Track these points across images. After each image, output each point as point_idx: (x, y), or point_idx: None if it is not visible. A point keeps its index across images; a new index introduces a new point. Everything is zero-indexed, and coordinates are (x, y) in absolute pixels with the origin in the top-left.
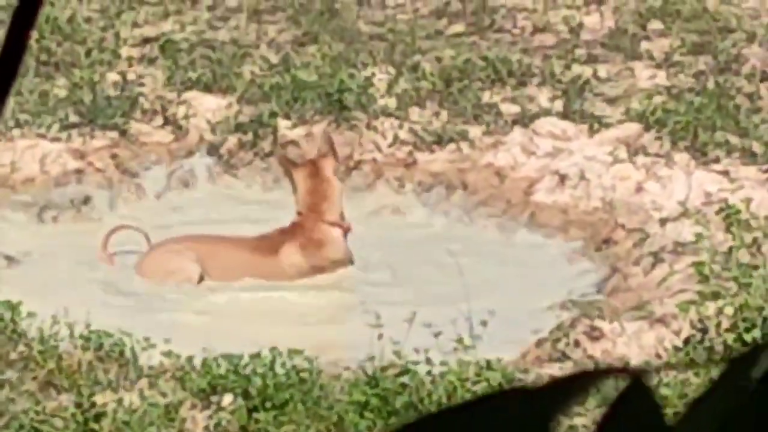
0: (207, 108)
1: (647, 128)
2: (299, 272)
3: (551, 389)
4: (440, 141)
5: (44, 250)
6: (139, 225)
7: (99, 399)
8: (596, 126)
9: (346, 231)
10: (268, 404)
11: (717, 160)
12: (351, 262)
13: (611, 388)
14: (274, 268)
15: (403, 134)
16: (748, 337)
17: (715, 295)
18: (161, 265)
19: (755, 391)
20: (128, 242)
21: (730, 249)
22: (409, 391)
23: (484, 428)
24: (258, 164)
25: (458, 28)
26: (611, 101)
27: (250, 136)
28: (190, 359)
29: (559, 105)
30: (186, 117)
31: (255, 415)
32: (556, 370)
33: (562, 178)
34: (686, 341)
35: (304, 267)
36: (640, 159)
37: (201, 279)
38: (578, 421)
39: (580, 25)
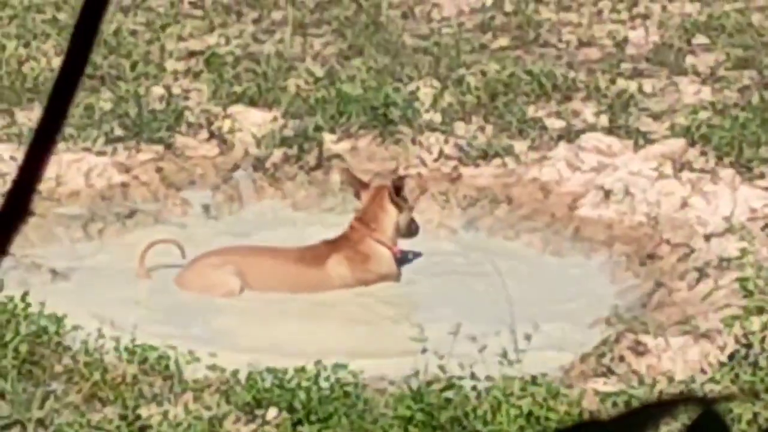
0: (252, 122)
1: (692, 143)
2: (345, 284)
3: (626, 420)
4: (485, 155)
5: (89, 264)
6: (184, 238)
7: (144, 412)
8: (641, 141)
9: (394, 253)
10: (312, 418)
11: (762, 176)
12: (398, 279)
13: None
14: (319, 279)
15: (448, 149)
16: None
17: (760, 310)
18: (201, 279)
19: None
20: (168, 256)
21: None
22: (453, 406)
23: None
24: (303, 178)
25: (503, 42)
26: (656, 116)
27: (295, 150)
28: (234, 373)
29: (604, 120)
30: (231, 131)
31: (299, 428)
32: (600, 385)
33: (607, 193)
34: (731, 356)
35: (350, 279)
36: (685, 174)
37: (242, 291)
38: None
39: (625, 39)
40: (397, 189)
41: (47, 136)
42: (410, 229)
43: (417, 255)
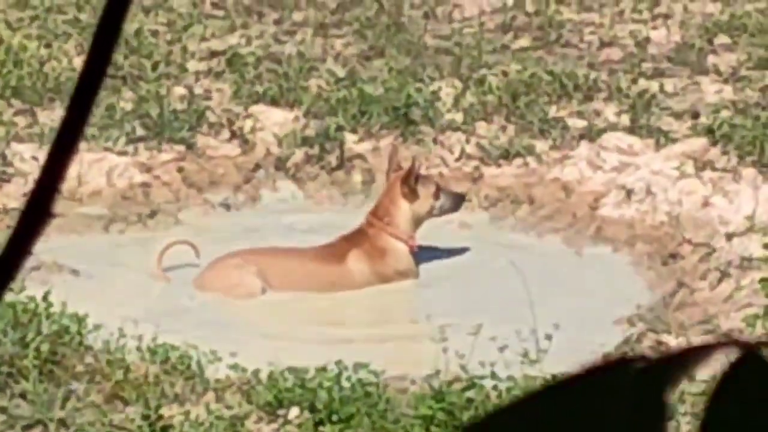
0: (274, 122)
1: (714, 143)
2: (364, 280)
3: (666, 360)
4: (507, 155)
5: (110, 264)
6: (205, 238)
7: (165, 411)
8: (663, 140)
9: (410, 248)
10: (334, 417)
11: None
12: (416, 275)
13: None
14: (340, 276)
15: (470, 148)
16: None
17: None
18: (222, 280)
19: None
20: (184, 256)
21: None
22: (475, 406)
23: (598, 397)
24: (325, 178)
25: (524, 42)
26: (678, 116)
27: (316, 150)
28: (256, 372)
29: (625, 119)
30: (253, 131)
31: (321, 428)
32: None
33: (629, 193)
34: None
35: (369, 274)
36: (707, 174)
37: (264, 292)
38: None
39: (647, 39)
40: (413, 174)
41: (69, 136)
42: (444, 208)
43: (464, 250)
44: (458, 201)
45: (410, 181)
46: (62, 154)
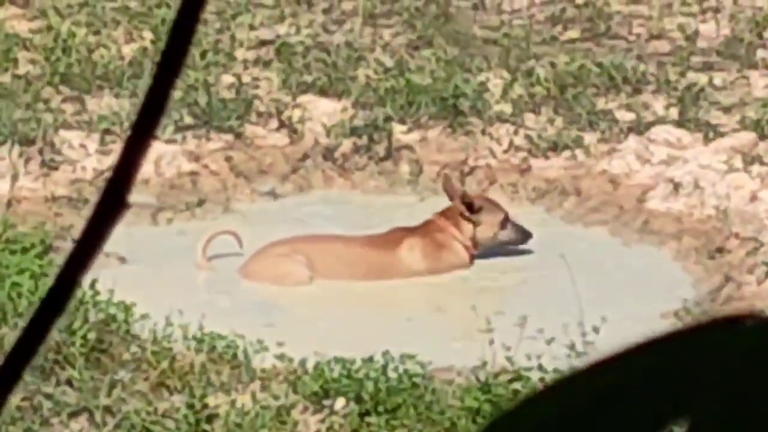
0: (322, 111)
1: (762, 137)
2: (414, 270)
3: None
4: (555, 147)
5: (158, 252)
6: (252, 228)
7: (211, 401)
8: (711, 134)
9: (470, 256)
10: (380, 408)
11: None
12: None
13: None
14: (390, 263)
15: (518, 140)
16: None
17: None
18: (270, 269)
19: None
20: (229, 246)
21: None
22: (521, 398)
23: (706, 353)
24: (372, 168)
25: (573, 34)
26: (726, 109)
27: (364, 140)
28: (302, 362)
29: (674, 113)
30: (301, 120)
31: (367, 419)
32: None
33: (676, 186)
34: None
35: (421, 265)
36: (755, 168)
37: (311, 281)
38: None
39: (696, 32)
40: (468, 206)
41: (147, 124)
42: (509, 239)
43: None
44: (525, 236)
45: (472, 212)
46: (139, 143)
